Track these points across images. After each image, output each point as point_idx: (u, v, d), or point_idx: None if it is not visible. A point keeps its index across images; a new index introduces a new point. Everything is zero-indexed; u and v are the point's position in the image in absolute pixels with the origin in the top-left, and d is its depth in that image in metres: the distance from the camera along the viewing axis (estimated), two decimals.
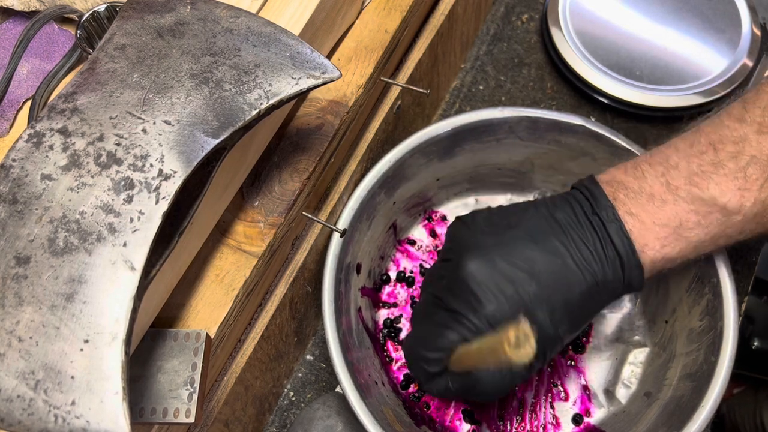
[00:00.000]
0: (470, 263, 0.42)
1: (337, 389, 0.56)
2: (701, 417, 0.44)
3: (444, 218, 0.59)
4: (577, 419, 0.53)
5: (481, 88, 0.68)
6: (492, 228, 0.44)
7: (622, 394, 0.53)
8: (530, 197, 0.59)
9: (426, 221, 0.60)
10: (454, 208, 0.60)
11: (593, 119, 0.65)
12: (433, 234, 0.59)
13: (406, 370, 0.55)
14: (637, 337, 0.55)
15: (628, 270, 0.42)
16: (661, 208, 0.41)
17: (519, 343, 0.30)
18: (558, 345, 0.44)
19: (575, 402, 0.54)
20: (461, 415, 0.53)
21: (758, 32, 0.65)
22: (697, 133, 0.42)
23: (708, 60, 0.63)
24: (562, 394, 0.54)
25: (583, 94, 0.65)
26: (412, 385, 0.54)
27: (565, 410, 0.53)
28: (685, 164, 0.41)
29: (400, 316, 0.56)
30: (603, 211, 0.42)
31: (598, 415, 0.53)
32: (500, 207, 0.46)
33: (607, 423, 0.52)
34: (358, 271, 0.53)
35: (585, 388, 0.54)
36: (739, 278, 0.58)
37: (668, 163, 0.42)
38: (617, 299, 0.44)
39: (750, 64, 0.63)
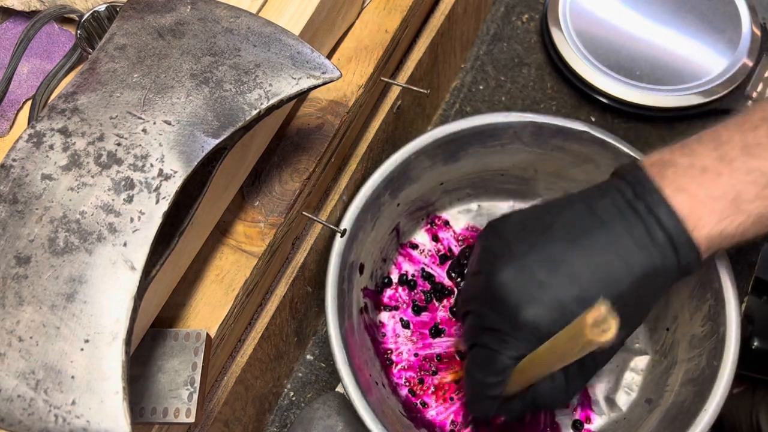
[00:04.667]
0: (502, 273, 0.40)
1: (338, 389, 0.56)
2: (704, 421, 0.43)
3: (446, 223, 0.59)
4: (577, 426, 0.53)
5: (481, 88, 0.68)
6: (525, 233, 0.42)
7: (623, 400, 0.53)
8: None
9: (428, 225, 0.59)
10: (456, 214, 0.60)
11: (593, 119, 0.65)
12: (435, 239, 0.59)
13: (406, 373, 0.55)
14: (637, 345, 0.55)
15: (681, 252, 0.39)
16: (716, 181, 0.38)
17: (599, 324, 0.29)
18: (616, 345, 0.42)
19: (575, 408, 0.53)
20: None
21: (758, 32, 0.64)
22: (746, 114, 0.40)
23: (708, 60, 0.63)
24: None
25: (583, 94, 0.65)
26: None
27: (565, 417, 0.53)
28: (739, 138, 0.39)
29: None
30: (648, 195, 0.39)
31: (598, 422, 0.53)
32: (535, 207, 0.44)
33: (607, 430, 0.52)
34: (361, 271, 0.53)
35: (585, 394, 0.54)
36: (739, 278, 0.58)
37: (720, 139, 0.40)
38: (676, 282, 0.41)
39: (750, 64, 0.63)
